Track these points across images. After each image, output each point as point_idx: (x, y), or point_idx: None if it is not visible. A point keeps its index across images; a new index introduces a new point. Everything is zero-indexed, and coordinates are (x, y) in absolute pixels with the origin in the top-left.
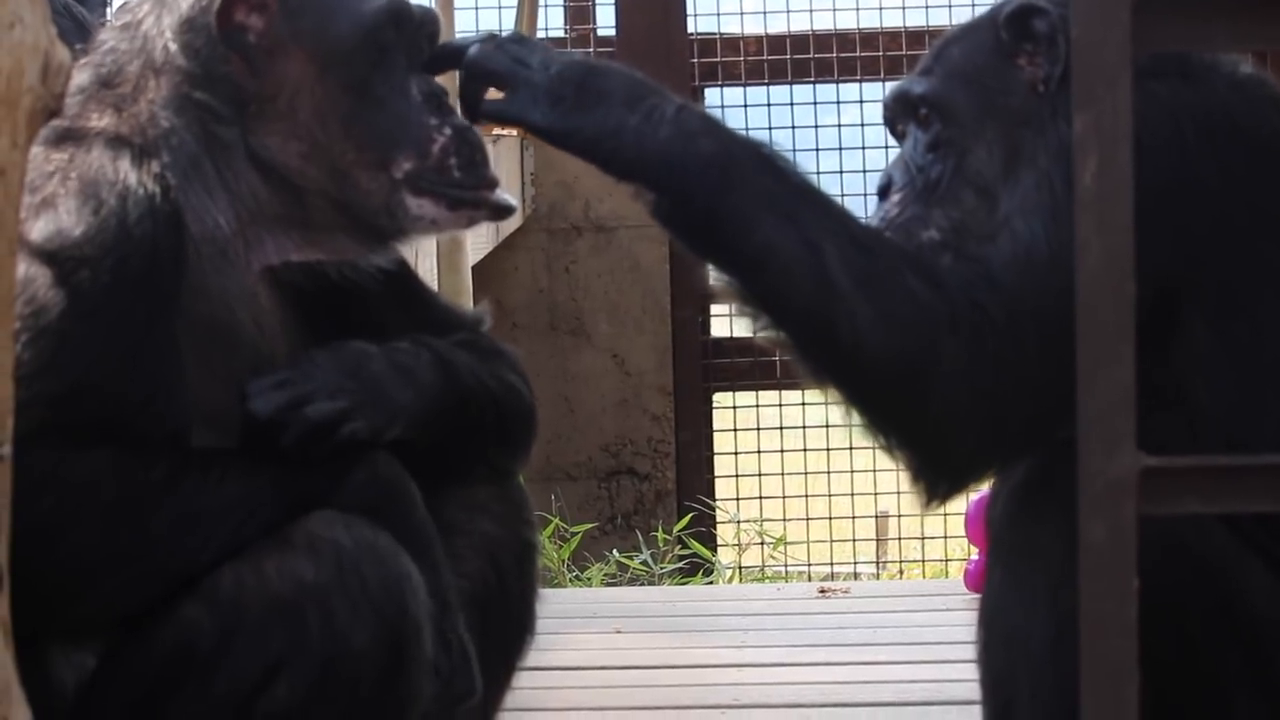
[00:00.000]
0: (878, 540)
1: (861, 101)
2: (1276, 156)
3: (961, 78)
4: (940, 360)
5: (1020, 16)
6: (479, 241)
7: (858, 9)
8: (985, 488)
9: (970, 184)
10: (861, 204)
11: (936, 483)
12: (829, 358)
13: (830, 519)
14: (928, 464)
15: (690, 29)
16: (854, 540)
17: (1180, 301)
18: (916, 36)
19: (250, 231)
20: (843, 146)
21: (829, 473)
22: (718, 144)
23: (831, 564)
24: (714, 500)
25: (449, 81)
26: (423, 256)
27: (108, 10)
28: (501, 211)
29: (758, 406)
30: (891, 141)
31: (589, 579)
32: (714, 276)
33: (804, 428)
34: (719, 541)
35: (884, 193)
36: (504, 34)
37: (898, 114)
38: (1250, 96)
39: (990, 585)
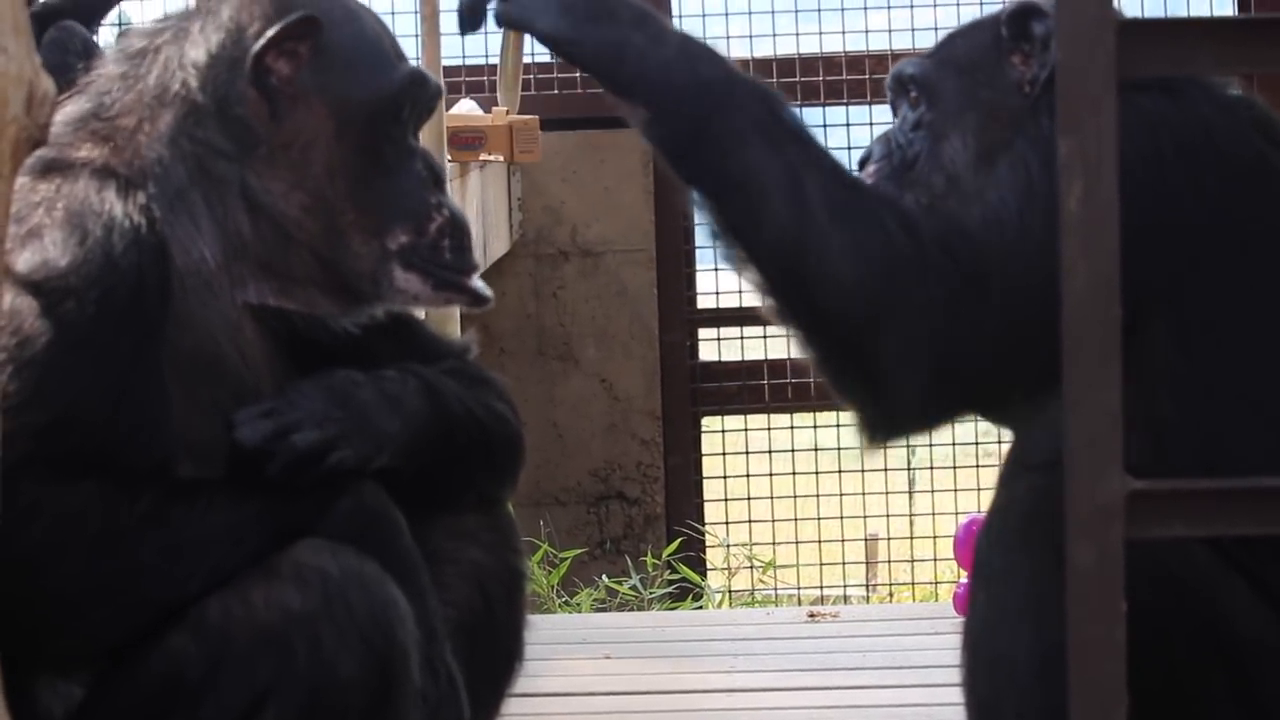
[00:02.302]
0: (867, 563)
1: (848, 125)
2: (1256, 178)
3: (955, 66)
4: (903, 296)
5: (1020, 16)
6: None
7: (843, 33)
8: (975, 513)
9: (942, 170)
10: None
11: (879, 424)
12: (795, 287)
13: (820, 542)
14: (875, 403)
15: None
16: (844, 563)
17: (1148, 318)
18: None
19: (234, 268)
20: None
21: (818, 496)
22: (720, 70)
23: (821, 587)
24: (703, 524)
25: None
26: None
27: (95, 28)
28: (480, 300)
29: (746, 430)
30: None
31: (578, 604)
32: (692, 201)
33: (793, 451)
34: (708, 566)
35: (863, 164)
36: None
37: (896, 93)
38: (1234, 118)
39: (974, 610)
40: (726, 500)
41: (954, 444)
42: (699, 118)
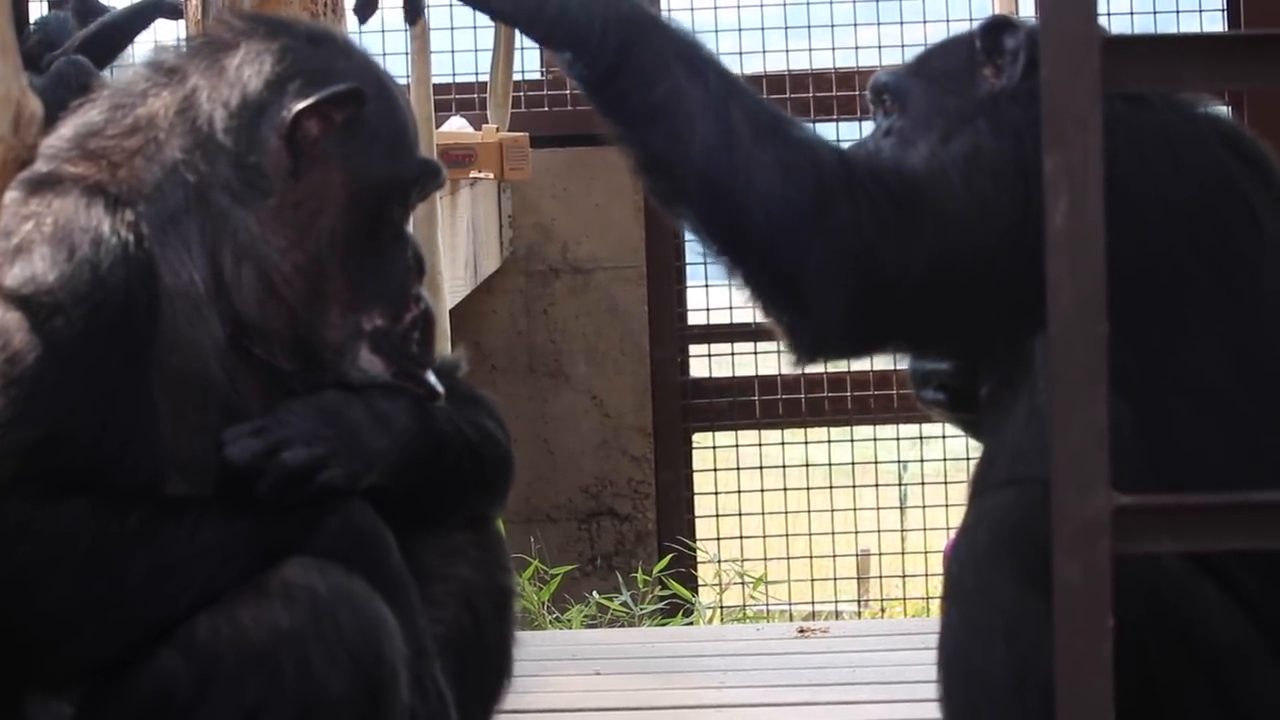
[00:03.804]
0: (859, 579)
1: (838, 141)
2: (1215, 185)
3: (928, 76)
4: (832, 209)
5: (994, 30)
6: (457, 285)
7: (833, 49)
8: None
9: None
10: None
11: (806, 342)
12: (722, 205)
13: (811, 558)
14: (803, 319)
15: None
16: (835, 579)
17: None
18: None
19: (221, 300)
20: None
21: (809, 511)
22: (639, 7)
23: (813, 603)
24: (694, 540)
25: None
26: None
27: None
28: (434, 396)
29: (737, 446)
30: None
31: (569, 621)
32: (620, 139)
33: (784, 467)
34: (699, 582)
35: None
36: None
37: (874, 101)
38: (1197, 128)
39: (948, 628)
40: (718, 516)
41: (945, 459)
42: (623, 46)
